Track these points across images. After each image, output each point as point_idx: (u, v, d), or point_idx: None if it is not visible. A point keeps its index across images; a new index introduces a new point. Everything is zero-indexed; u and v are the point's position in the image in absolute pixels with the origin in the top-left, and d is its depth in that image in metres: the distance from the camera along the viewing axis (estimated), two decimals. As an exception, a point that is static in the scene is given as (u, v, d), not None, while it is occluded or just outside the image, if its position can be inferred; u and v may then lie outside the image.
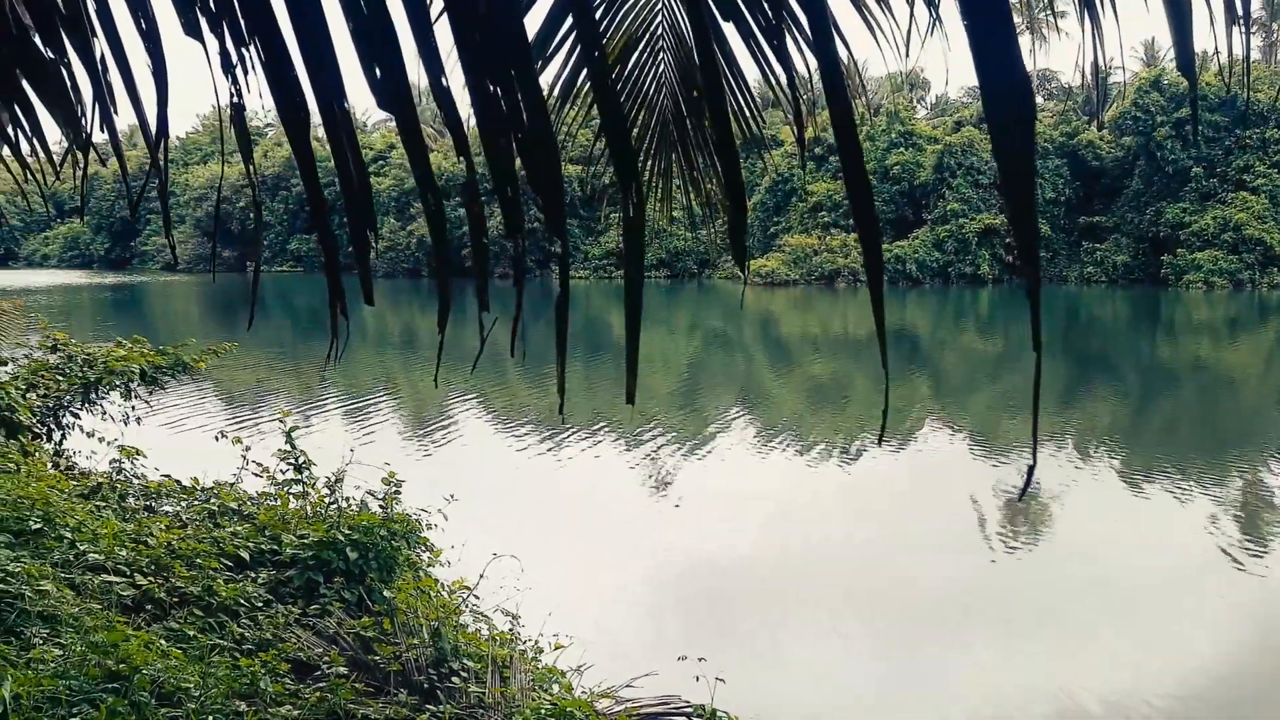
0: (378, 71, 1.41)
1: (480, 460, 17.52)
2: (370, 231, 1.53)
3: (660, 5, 4.68)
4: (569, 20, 4.07)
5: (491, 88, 1.31)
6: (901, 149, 70.60)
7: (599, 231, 74.07)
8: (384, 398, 24.76)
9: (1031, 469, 1.26)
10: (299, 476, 9.30)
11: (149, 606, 6.74)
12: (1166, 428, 22.34)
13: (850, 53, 3.27)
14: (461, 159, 1.40)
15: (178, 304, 62.28)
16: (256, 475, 9.51)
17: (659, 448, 18.31)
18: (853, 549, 12.81)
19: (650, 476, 16.37)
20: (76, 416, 11.34)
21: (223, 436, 9.95)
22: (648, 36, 4.78)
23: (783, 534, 13.31)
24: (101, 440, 11.33)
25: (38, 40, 1.96)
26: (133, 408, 11.68)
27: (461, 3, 1.28)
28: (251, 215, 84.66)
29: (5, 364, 11.18)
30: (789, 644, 9.89)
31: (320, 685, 5.89)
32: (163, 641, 5.95)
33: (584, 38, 1.22)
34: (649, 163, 5.33)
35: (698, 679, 6.88)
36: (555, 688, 7.30)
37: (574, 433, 19.25)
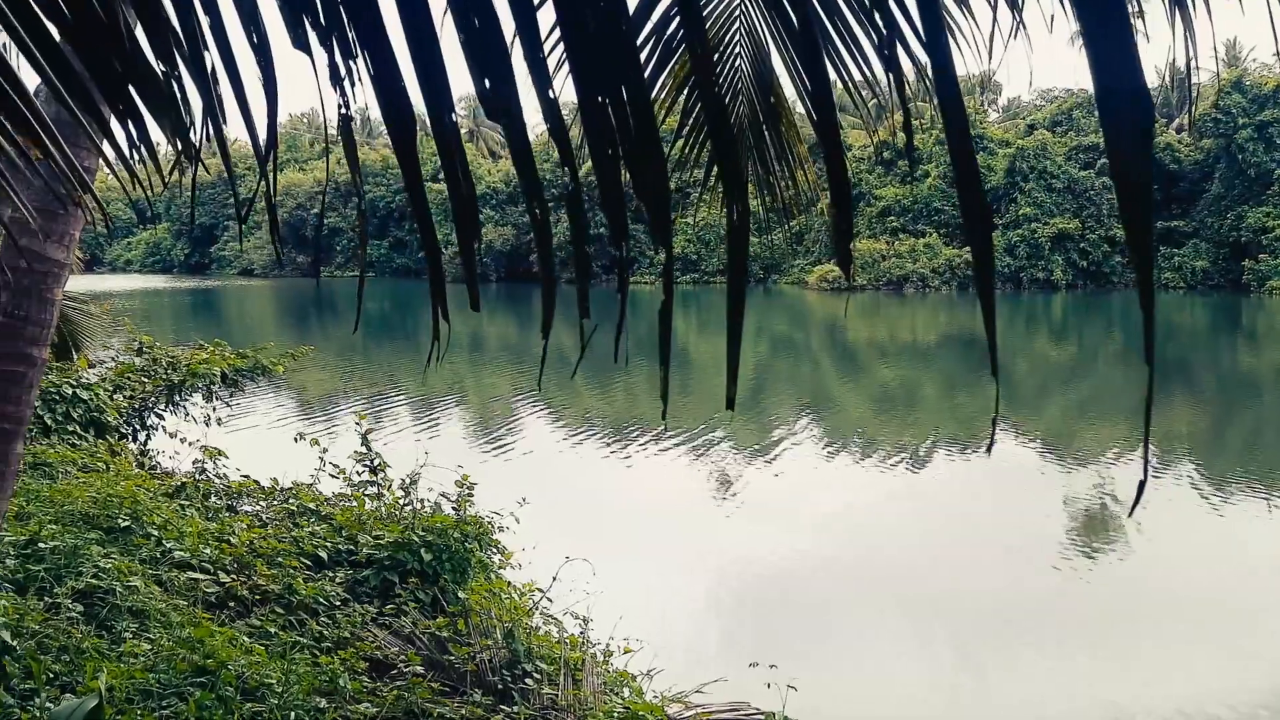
0: (487, 83, 1.45)
1: (547, 464, 17.64)
2: (476, 241, 1.56)
3: (738, 12, 4.69)
4: (648, 25, 4.10)
5: (600, 99, 1.33)
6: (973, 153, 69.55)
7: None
8: (453, 401, 25.05)
9: (1142, 484, 1.25)
10: (374, 478, 9.46)
11: (232, 603, 6.91)
12: (1248, 439, 21.69)
13: (912, 57, 3.25)
14: (564, 168, 1.43)
15: (253, 307, 63.65)
16: (333, 477, 9.69)
17: (725, 453, 18.27)
18: (921, 557, 12.65)
19: (716, 481, 16.34)
20: (160, 417, 11.68)
21: (301, 438, 10.16)
22: (724, 44, 4.80)
23: (850, 541, 13.20)
24: (183, 441, 11.65)
25: (149, 54, 2.03)
26: (214, 409, 11.98)
27: (571, 16, 1.31)
28: (328, 221, 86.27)
29: (94, 366, 11.54)
30: (856, 652, 9.80)
31: (398, 684, 5.98)
32: (245, 638, 6.10)
33: (694, 50, 1.24)
34: (714, 168, 5.34)
35: (769, 686, 6.85)
36: (626, 691, 7.33)
37: (640, 437, 19.30)
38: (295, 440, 10.55)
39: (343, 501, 9.43)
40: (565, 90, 1.87)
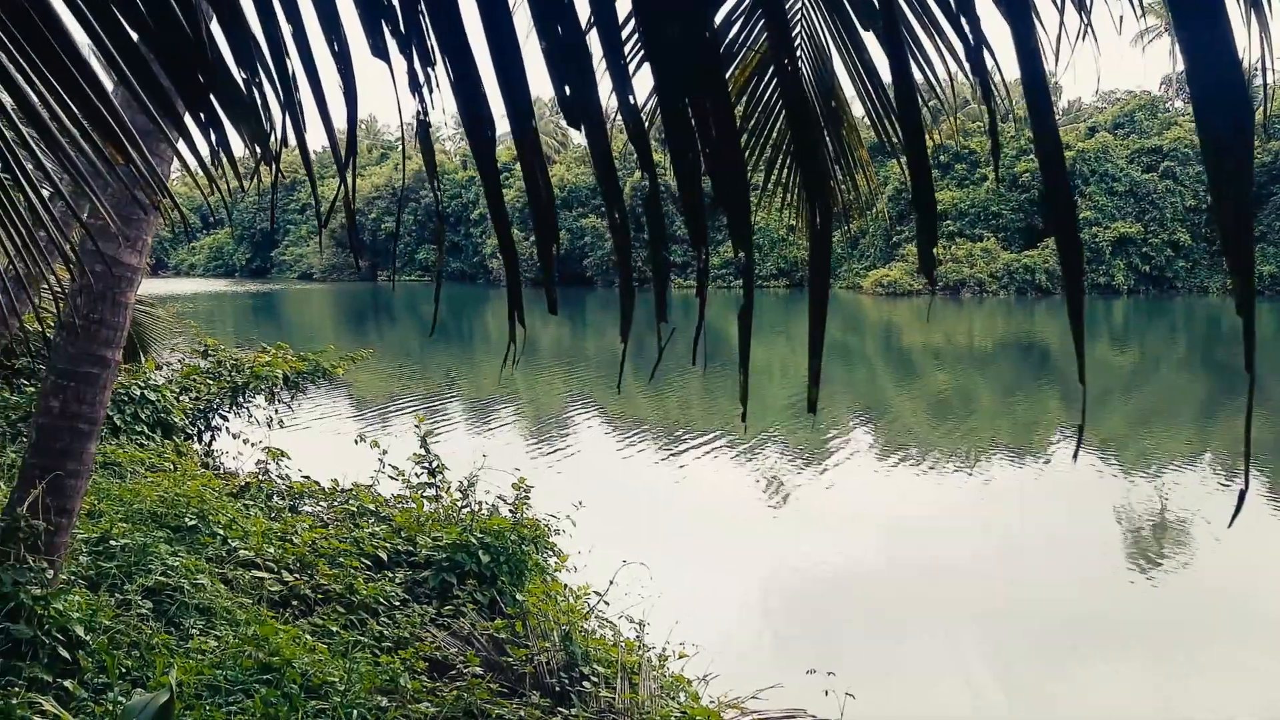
0: (568, 89, 1.46)
1: (600, 467, 17.68)
2: (554, 246, 1.58)
3: (799, 17, 4.68)
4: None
5: (681, 103, 1.34)
6: (1031, 156, 68.57)
7: (717, 241, 73.94)
8: (506, 404, 25.21)
9: (1243, 494, 1.22)
10: (433, 480, 9.56)
11: (295, 602, 7.02)
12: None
13: (995, 58, 3.22)
14: (644, 173, 1.43)
15: (312, 310, 64.62)
16: (392, 478, 9.81)
17: (779, 458, 18.18)
18: (979, 565, 12.48)
19: (770, 487, 16.27)
20: (224, 419, 11.89)
21: (361, 440, 10.30)
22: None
23: (906, 548, 13.06)
24: (246, 442, 11.86)
25: (230, 61, 2.07)
26: (275, 411, 12.18)
27: (653, 21, 1.32)
28: (384, 226, 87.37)
29: (160, 368, 11.79)
30: (914, 661, 9.69)
31: (458, 684, 6.03)
32: (309, 636, 6.19)
33: (778, 59, 1.24)
34: (771, 173, 5.34)
35: (827, 693, 6.81)
36: (682, 696, 7.32)
37: (694, 442, 19.27)
38: (356, 442, 10.69)
39: (401, 503, 9.53)
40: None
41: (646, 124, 1.64)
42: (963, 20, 1.16)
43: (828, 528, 13.76)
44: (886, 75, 4.46)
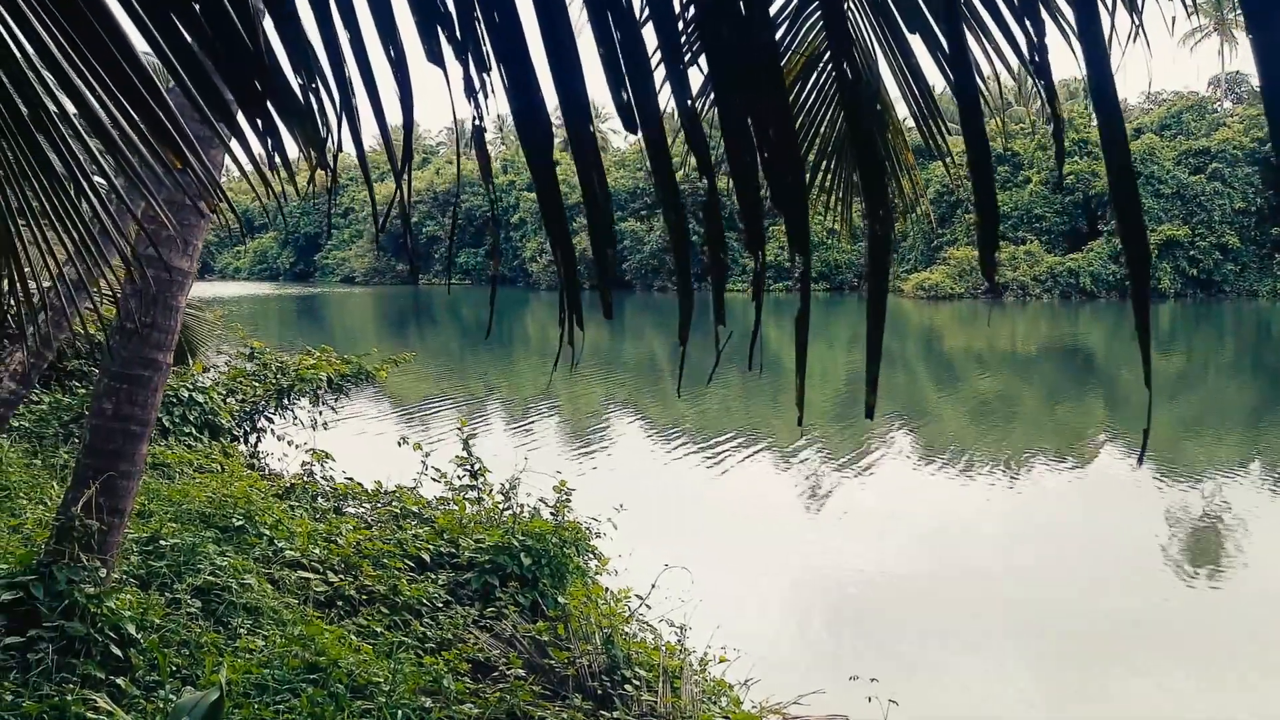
0: (625, 94, 1.47)
1: (640, 470, 17.68)
2: (610, 249, 1.58)
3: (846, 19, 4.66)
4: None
5: (739, 107, 1.34)
6: (1075, 158, 67.79)
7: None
8: (545, 408, 25.29)
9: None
10: (474, 483, 9.61)
11: (340, 602, 7.09)
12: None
13: (1026, 60, 3.19)
14: (704, 177, 1.44)
15: (354, 313, 65.24)
16: (435, 480, 9.87)
17: (819, 463, 18.09)
18: (1023, 572, 12.34)
19: (810, 491, 16.20)
20: (270, 421, 12.03)
21: (404, 442, 10.38)
22: (829, 51, 4.76)
23: (949, 554, 12.94)
24: (290, 444, 11.99)
25: (287, 68, 2.10)
26: (319, 413, 12.31)
27: (713, 25, 1.32)
28: (424, 230, 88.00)
29: (207, 370, 11.96)
30: (958, 668, 9.60)
31: (501, 686, 6.06)
32: (354, 637, 6.25)
33: (837, 62, 1.24)
34: (815, 176, 5.31)
35: (870, 700, 6.77)
36: (724, 700, 7.31)
37: (732, 445, 19.22)
38: (399, 444, 10.77)
39: (443, 505, 9.60)
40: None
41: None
42: (1027, 22, 1.15)
43: (868, 532, 13.67)
44: (932, 78, 4.44)
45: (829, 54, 4.69)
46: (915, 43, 4.24)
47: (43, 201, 2.79)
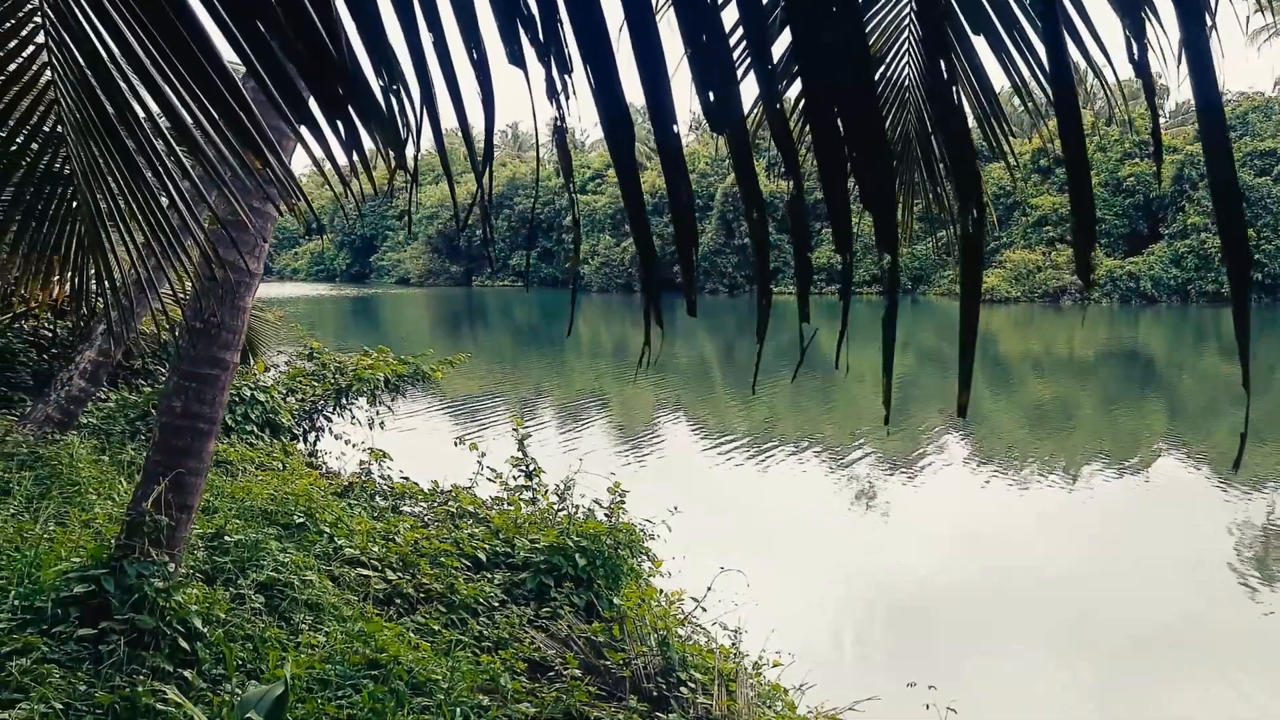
0: (711, 95, 1.47)
1: (692, 473, 17.66)
2: (693, 248, 1.59)
3: (907, 21, 4.63)
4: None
5: (827, 106, 1.34)
6: (1136, 159, 66.58)
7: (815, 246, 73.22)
8: (597, 409, 25.36)
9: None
10: (529, 483, 9.67)
11: (398, 600, 7.17)
12: None
13: (1090, 59, 3.13)
14: (790, 178, 1.44)
15: (409, 314, 65.91)
16: (490, 480, 9.94)
17: (874, 467, 17.94)
18: (1083, 580, 12.13)
19: (865, 496, 16.06)
20: (328, 420, 12.20)
21: (460, 442, 10.47)
22: (894, 52, 4.74)
23: (1004, 560, 12.77)
24: (348, 443, 12.14)
25: (368, 70, 2.13)
26: (377, 412, 12.46)
27: (804, 24, 1.32)
28: (479, 233, 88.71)
29: (269, 370, 12.16)
30: (1017, 676, 9.46)
31: (558, 686, 6.09)
32: (412, 634, 6.32)
33: (933, 61, 1.23)
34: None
35: (928, 707, 6.70)
36: (779, 705, 7.27)
37: (784, 448, 19.13)
38: (455, 445, 10.86)
39: (499, 505, 9.66)
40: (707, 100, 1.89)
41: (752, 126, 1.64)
42: (1128, 20, 1.14)
43: (923, 537, 13.53)
44: (996, 78, 4.40)
45: (892, 54, 4.66)
46: (979, 43, 4.20)
47: (127, 201, 2.86)
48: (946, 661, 9.65)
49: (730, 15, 2.02)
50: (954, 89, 1.17)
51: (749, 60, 2.60)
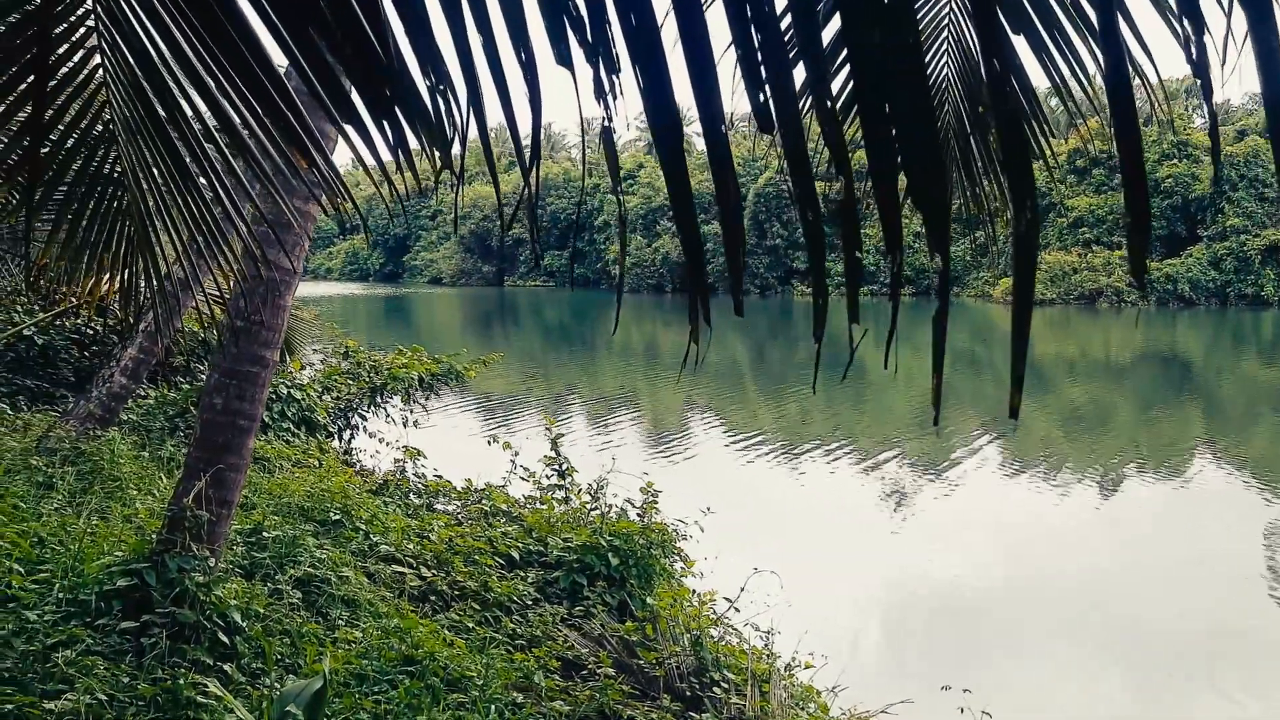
0: (763, 96, 1.48)
1: (721, 474, 17.63)
2: (741, 249, 1.60)
3: (946, 20, 4.60)
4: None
5: (881, 107, 1.34)
6: (1175, 160, 65.75)
7: (840, 247, 72.93)
8: (628, 409, 25.38)
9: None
10: (562, 482, 9.69)
11: (432, 597, 7.21)
12: None
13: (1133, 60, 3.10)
14: (841, 178, 1.44)
15: (442, 314, 66.28)
16: (523, 479, 9.98)
17: (906, 470, 17.84)
18: (1119, 585, 12.01)
19: (897, 498, 15.98)
20: (363, 418, 12.29)
21: (493, 441, 10.52)
22: (932, 51, 4.71)
23: (1038, 563, 12.66)
24: (382, 441, 12.23)
25: (415, 70, 2.15)
26: (411, 411, 12.54)
27: (857, 26, 1.33)
28: (511, 231, 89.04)
29: (304, 368, 12.27)
30: (1052, 681, 9.39)
31: (591, 685, 6.10)
32: (446, 631, 6.36)
33: (988, 60, 1.23)
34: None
35: (962, 711, 6.66)
36: (812, 707, 7.25)
37: (815, 450, 19.07)
38: (489, 444, 10.91)
39: (531, 504, 9.70)
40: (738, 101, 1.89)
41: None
42: (1186, 22, 1.13)
43: (957, 540, 13.44)
44: (1036, 79, 4.38)
45: (930, 54, 4.64)
46: (1019, 43, 4.17)
47: (175, 200, 2.91)
48: (981, 665, 9.59)
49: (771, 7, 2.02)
50: (1009, 90, 1.17)
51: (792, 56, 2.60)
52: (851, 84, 3.75)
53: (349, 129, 2.49)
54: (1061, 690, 9.18)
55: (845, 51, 3.60)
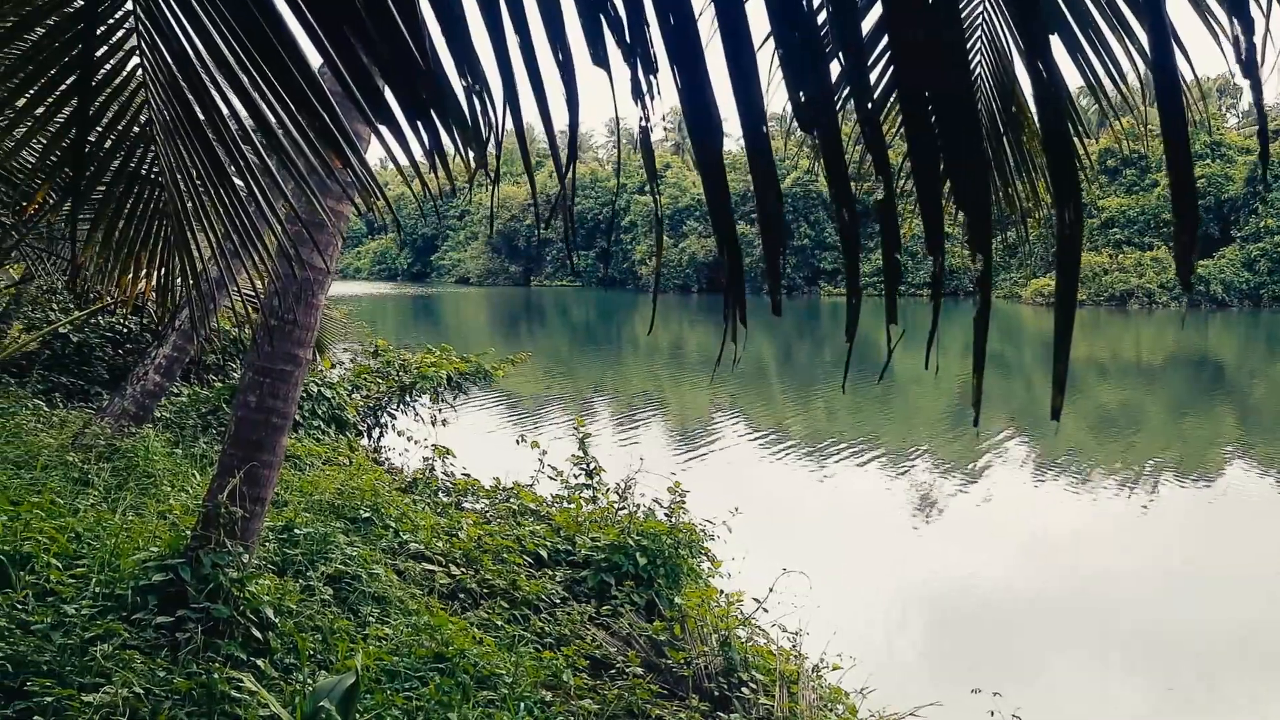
0: (802, 95, 1.48)
1: (749, 474, 17.60)
2: (781, 249, 1.59)
3: (980, 20, 4.58)
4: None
5: (923, 106, 1.34)
6: (1208, 160, 64.98)
7: (869, 249, 72.60)
8: (654, 409, 25.37)
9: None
10: (590, 482, 9.71)
11: (461, 595, 7.25)
12: None
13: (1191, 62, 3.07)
14: (880, 177, 1.44)
15: (470, 313, 66.51)
16: (551, 479, 10.01)
17: (934, 472, 17.74)
18: (1148, 589, 11.89)
19: (925, 501, 15.89)
20: (392, 416, 12.37)
21: (522, 441, 10.55)
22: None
23: (1067, 567, 12.55)
24: (410, 439, 12.29)
25: (450, 71, 2.16)
26: (439, 410, 12.60)
27: (901, 25, 1.32)
28: (537, 233, 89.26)
29: (335, 367, 12.35)
30: (1081, 685, 9.30)
31: (620, 684, 6.11)
32: (476, 629, 6.38)
33: (1030, 61, 1.22)
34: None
35: (993, 714, 6.62)
36: (840, 708, 7.23)
37: (842, 451, 18.99)
38: (517, 443, 10.95)
39: (559, 503, 9.72)
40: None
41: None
42: (1235, 22, 1.12)
43: (985, 542, 13.35)
44: (1072, 79, 4.34)
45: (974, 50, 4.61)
46: (1054, 42, 4.15)
47: (212, 199, 2.94)
48: (1012, 668, 9.52)
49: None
50: (1056, 89, 1.16)
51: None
52: (887, 83, 3.74)
53: (383, 129, 2.51)
54: (1092, 695, 9.09)
55: (880, 47, 3.59)
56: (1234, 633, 10.32)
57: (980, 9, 4.47)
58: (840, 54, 1.46)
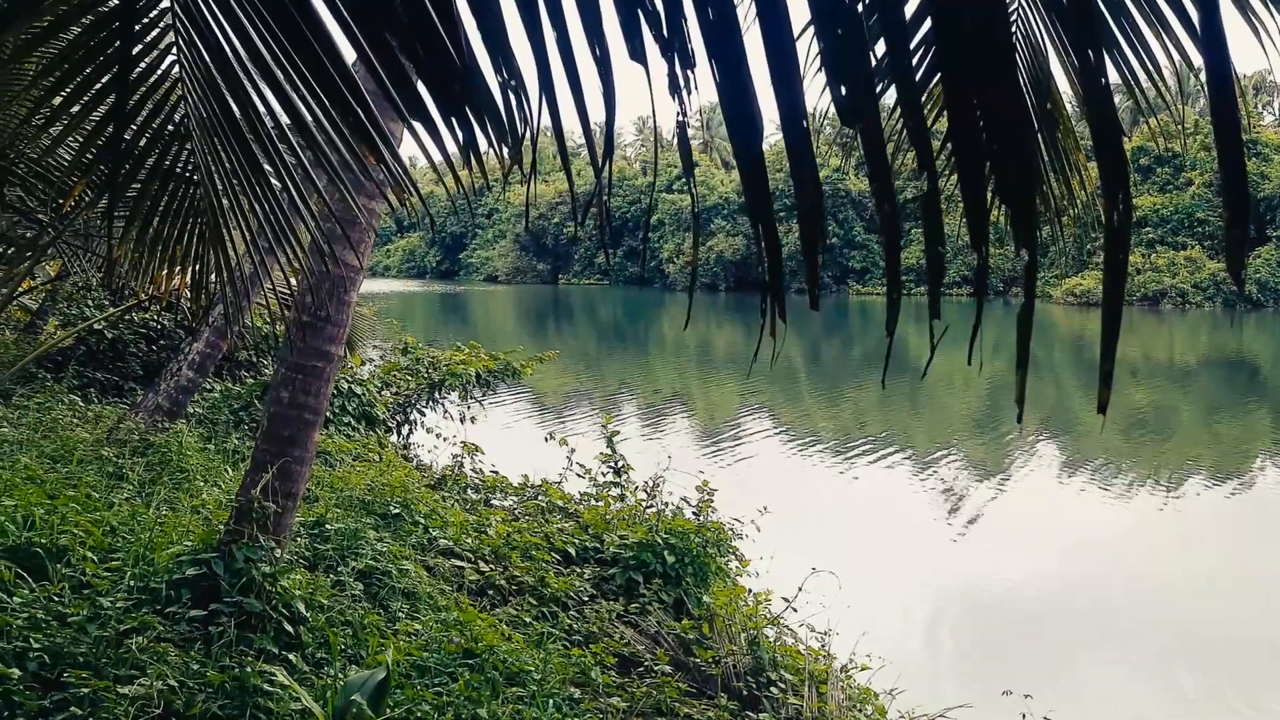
0: (844, 90, 1.46)
1: (777, 472, 17.53)
2: (820, 244, 1.58)
3: (1015, 17, 4.54)
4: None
5: (968, 99, 1.32)
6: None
7: (903, 246, 72.14)
8: (681, 408, 25.34)
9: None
10: (618, 480, 9.71)
11: (490, 591, 7.27)
12: None
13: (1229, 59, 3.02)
14: (925, 173, 1.42)
15: (498, 311, 66.72)
16: (580, 476, 10.01)
17: (964, 473, 17.61)
18: (1181, 592, 11.75)
19: (954, 501, 15.77)
20: (421, 414, 12.42)
21: (551, 438, 10.56)
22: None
23: (1100, 569, 12.42)
24: (439, 436, 12.34)
25: (487, 67, 2.16)
26: (468, 407, 12.64)
27: (948, 24, 1.31)
28: (565, 230, 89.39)
29: (364, 364, 12.43)
30: (1112, 687, 9.21)
31: (649, 681, 6.11)
32: (504, 625, 6.40)
33: (1080, 51, 1.20)
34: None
35: (1024, 716, 6.56)
36: (869, 709, 7.19)
37: (873, 451, 18.89)
38: (546, 440, 10.96)
39: (588, 501, 9.72)
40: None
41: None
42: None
43: (1016, 544, 13.24)
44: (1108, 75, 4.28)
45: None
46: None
47: (247, 196, 2.95)
48: (1042, 670, 9.43)
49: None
50: (1104, 80, 1.14)
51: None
52: (926, 69, 3.71)
53: (418, 126, 2.51)
54: (1124, 699, 9.00)
55: (921, 36, 3.56)
56: (1270, 637, 10.18)
57: (1015, 5, 4.43)
58: (882, 39, 1.44)
